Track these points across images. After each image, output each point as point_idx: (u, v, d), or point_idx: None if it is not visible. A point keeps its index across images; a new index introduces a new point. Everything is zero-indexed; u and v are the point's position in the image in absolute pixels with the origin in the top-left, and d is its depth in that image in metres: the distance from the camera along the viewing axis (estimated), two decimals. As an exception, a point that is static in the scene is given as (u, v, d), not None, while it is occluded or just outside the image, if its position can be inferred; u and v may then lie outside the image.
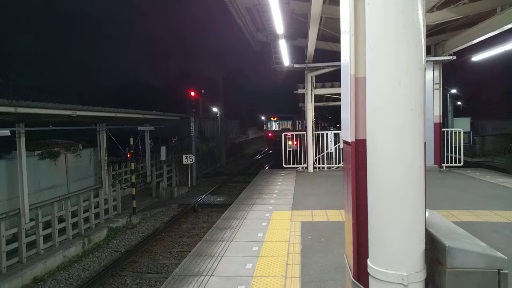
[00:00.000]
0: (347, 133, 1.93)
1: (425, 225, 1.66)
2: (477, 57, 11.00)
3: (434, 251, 1.65)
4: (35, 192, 10.27)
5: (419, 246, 1.61)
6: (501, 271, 1.55)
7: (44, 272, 8.15)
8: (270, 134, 31.56)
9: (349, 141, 1.89)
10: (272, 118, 32.52)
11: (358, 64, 1.78)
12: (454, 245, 1.55)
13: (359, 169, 1.81)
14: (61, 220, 9.49)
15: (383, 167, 1.62)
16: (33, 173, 10.24)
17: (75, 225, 9.87)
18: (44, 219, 8.87)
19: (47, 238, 8.93)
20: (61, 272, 8.29)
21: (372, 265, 1.69)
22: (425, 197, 1.66)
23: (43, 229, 8.75)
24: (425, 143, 1.63)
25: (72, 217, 9.69)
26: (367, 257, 1.76)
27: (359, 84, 1.79)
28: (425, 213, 1.66)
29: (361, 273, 1.86)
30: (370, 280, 1.72)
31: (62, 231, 9.40)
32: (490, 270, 1.55)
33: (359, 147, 1.81)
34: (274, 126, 32.42)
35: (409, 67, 1.54)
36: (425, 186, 1.64)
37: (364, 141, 1.73)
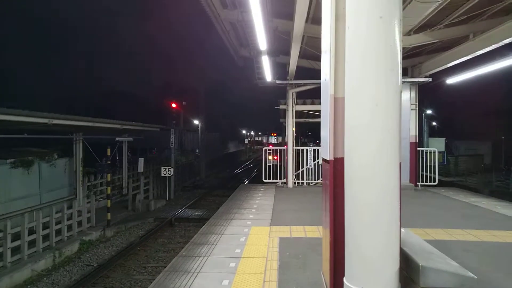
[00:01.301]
0: (325, 151, 1.96)
1: (400, 244, 1.68)
2: (451, 80, 11.44)
3: (408, 269, 1.68)
4: (5, 202, 9.88)
5: (394, 264, 1.63)
6: (471, 290, 1.58)
7: (10, 286, 7.77)
8: (270, 146, 34.55)
9: (328, 159, 1.92)
10: (272, 134, 43.55)
11: (338, 85, 1.82)
12: (427, 265, 1.58)
13: (337, 187, 1.83)
14: (31, 232, 9.12)
15: (360, 185, 1.64)
16: (4, 182, 9.87)
17: (46, 237, 9.51)
18: (13, 231, 8.52)
19: (15, 250, 8.55)
20: (28, 287, 7.93)
21: (348, 283, 1.70)
22: (400, 215, 1.69)
23: (12, 241, 8.39)
24: (400, 163, 1.67)
25: (43, 229, 9.34)
26: (343, 275, 1.77)
27: (338, 104, 1.83)
28: (400, 232, 1.69)
29: (337, 290, 1.87)
30: (346, 298, 1.72)
31: (32, 243, 9.03)
32: (462, 289, 1.58)
33: (337, 165, 1.84)
34: (273, 140, 42.30)
35: (386, 89, 1.58)
36: (400, 205, 1.67)
37: (342, 159, 1.76)
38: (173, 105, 20.58)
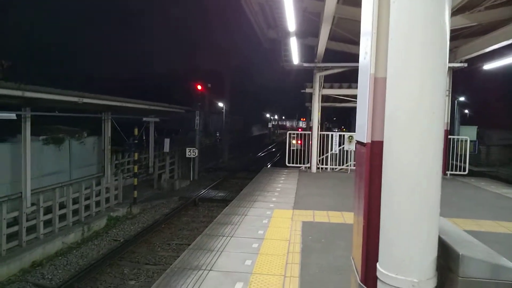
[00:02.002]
0: (362, 133, 1.89)
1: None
2: (488, 66, 10.88)
3: (446, 258, 1.62)
4: (37, 177, 10.27)
5: (432, 253, 1.57)
6: (515, 284, 1.51)
7: (42, 257, 8.16)
8: (300, 130, 35.20)
9: (364, 142, 1.85)
10: (301, 119, 48.25)
11: (379, 64, 1.73)
12: (467, 254, 1.52)
13: (374, 172, 1.76)
14: (62, 206, 9.50)
15: (400, 171, 1.57)
16: (36, 157, 10.25)
17: (75, 212, 9.89)
18: (45, 205, 8.90)
19: (47, 223, 8.95)
20: (60, 258, 8.31)
21: (381, 269, 1.66)
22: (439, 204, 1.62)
23: (44, 214, 8.78)
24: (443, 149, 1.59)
25: (73, 204, 9.71)
26: (376, 261, 1.72)
27: (378, 84, 1.74)
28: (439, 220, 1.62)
29: (369, 276, 1.82)
30: (379, 284, 1.68)
31: (62, 217, 9.42)
32: (503, 281, 1.51)
33: (374, 149, 1.77)
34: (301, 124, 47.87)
35: (433, 70, 1.50)
36: (440, 192, 1.60)
37: (381, 143, 1.69)
38: (199, 87, 20.66)
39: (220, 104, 29.35)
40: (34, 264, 7.83)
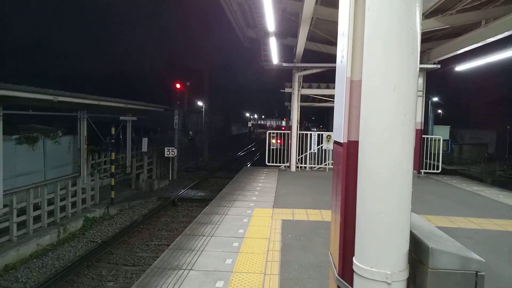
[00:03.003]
0: (339, 134, 1.97)
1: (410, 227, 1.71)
2: (460, 67, 11.28)
3: (417, 252, 1.71)
4: (10, 178, 9.98)
5: (404, 246, 1.67)
6: (478, 273, 1.63)
7: (16, 259, 7.93)
8: (283, 129, 36.58)
9: (341, 141, 1.92)
10: (284, 119, 49.57)
11: (355, 67, 1.82)
12: (436, 247, 1.62)
13: (350, 170, 1.84)
14: (36, 207, 9.25)
15: (373, 170, 1.66)
16: (9, 158, 9.95)
17: (50, 213, 9.65)
18: (19, 206, 8.64)
19: (21, 225, 8.69)
20: (34, 260, 8.09)
21: (357, 263, 1.74)
22: (411, 200, 1.71)
23: (17, 216, 8.52)
24: (413, 147, 1.68)
25: (48, 205, 9.47)
26: (352, 255, 1.80)
27: (354, 86, 1.83)
28: (410, 215, 1.71)
29: (346, 270, 1.91)
30: (355, 277, 1.76)
31: (37, 218, 9.17)
32: (469, 271, 1.63)
33: (350, 149, 1.85)
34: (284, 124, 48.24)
35: (404, 73, 1.59)
36: (411, 189, 1.69)
37: (356, 142, 1.77)
38: (177, 85, 20.46)
39: (200, 103, 29.17)
40: (7, 268, 7.59)
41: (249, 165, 22.48)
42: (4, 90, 7.92)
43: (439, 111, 28.45)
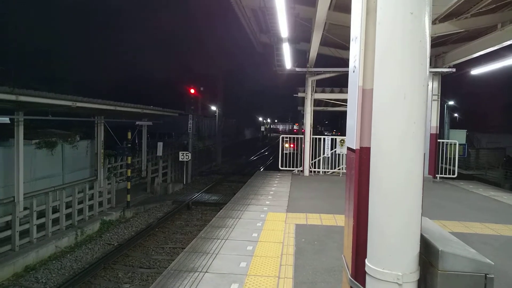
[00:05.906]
0: (351, 140, 2.03)
1: (420, 230, 1.77)
2: (476, 71, 11.15)
3: (428, 254, 1.76)
4: (30, 181, 10.28)
5: (414, 248, 1.72)
6: (487, 276, 1.68)
7: (36, 261, 8.18)
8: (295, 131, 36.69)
9: (354, 148, 2.00)
10: (296, 124, 49.27)
11: (366, 77, 1.89)
12: (446, 250, 1.67)
13: (362, 175, 1.91)
14: (55, 210, 9.51)
15: (385, 174, 1.73)
16: (29, 161, 10.25)
17: (68, 216, 9.90)
18: (38, 209, 8.90)
19: (40, 227, 8.95)
20: (53, 262, 8.32)
21: (370, 264, 1.80)
22: (422, 204, 1.77)
23: (37, 219, 8.78)
24: (424, 154, 1.74)
25: (66, 208, 9.72)
26: (364, 257, 1.86)
27: (366, 95, 1.90)
28: (421, 219, 1.77)
29: (359, 272, 1.97)
30: (367, 278, 1.83)
31: (55, 221, 9.43)
32: (478, 274, 1.67)
33: (363, 155, 1.92)
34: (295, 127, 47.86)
35: (414, 83, 1.66)
36: (422, 194, 1.75)
37: (368, 149, 1.84)
38: (192, 90, 20.71)
39: (213, 108, 29.41)
40: (27, 269, 7.84)
41: (262, 169, 22.53)
42: (26, 96, 8.20)
43: (455, 115, 28.03)
